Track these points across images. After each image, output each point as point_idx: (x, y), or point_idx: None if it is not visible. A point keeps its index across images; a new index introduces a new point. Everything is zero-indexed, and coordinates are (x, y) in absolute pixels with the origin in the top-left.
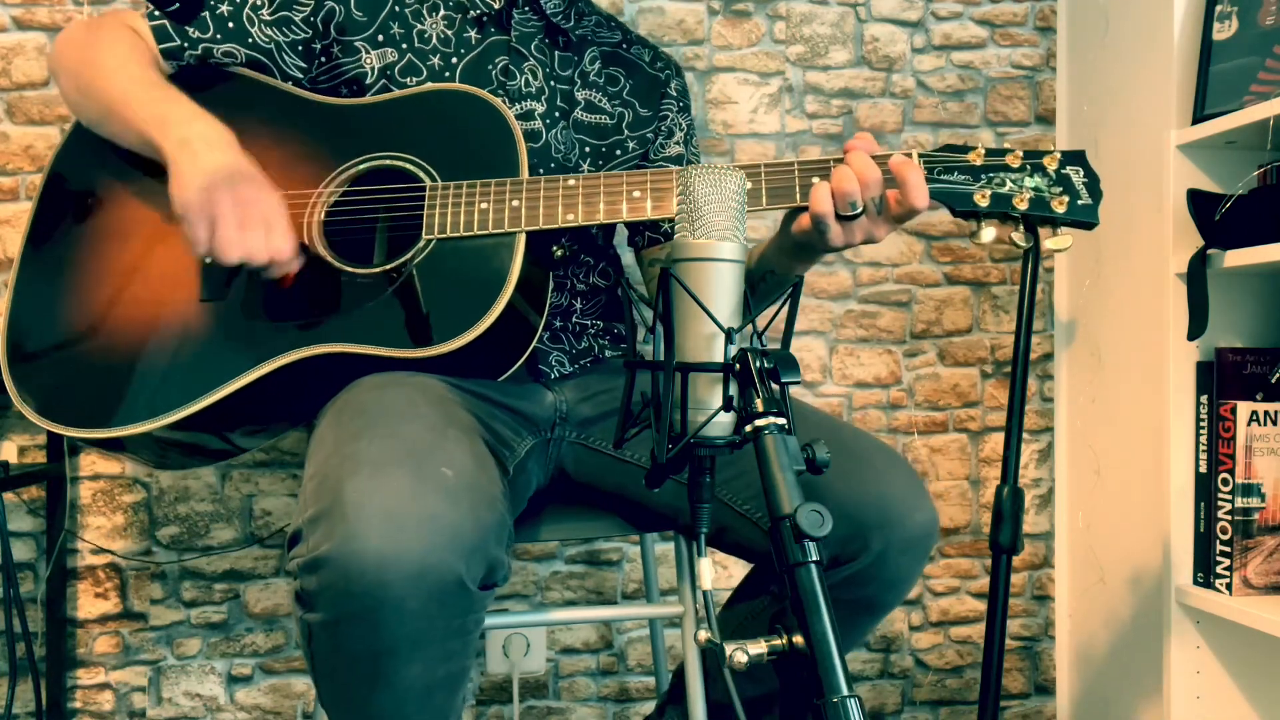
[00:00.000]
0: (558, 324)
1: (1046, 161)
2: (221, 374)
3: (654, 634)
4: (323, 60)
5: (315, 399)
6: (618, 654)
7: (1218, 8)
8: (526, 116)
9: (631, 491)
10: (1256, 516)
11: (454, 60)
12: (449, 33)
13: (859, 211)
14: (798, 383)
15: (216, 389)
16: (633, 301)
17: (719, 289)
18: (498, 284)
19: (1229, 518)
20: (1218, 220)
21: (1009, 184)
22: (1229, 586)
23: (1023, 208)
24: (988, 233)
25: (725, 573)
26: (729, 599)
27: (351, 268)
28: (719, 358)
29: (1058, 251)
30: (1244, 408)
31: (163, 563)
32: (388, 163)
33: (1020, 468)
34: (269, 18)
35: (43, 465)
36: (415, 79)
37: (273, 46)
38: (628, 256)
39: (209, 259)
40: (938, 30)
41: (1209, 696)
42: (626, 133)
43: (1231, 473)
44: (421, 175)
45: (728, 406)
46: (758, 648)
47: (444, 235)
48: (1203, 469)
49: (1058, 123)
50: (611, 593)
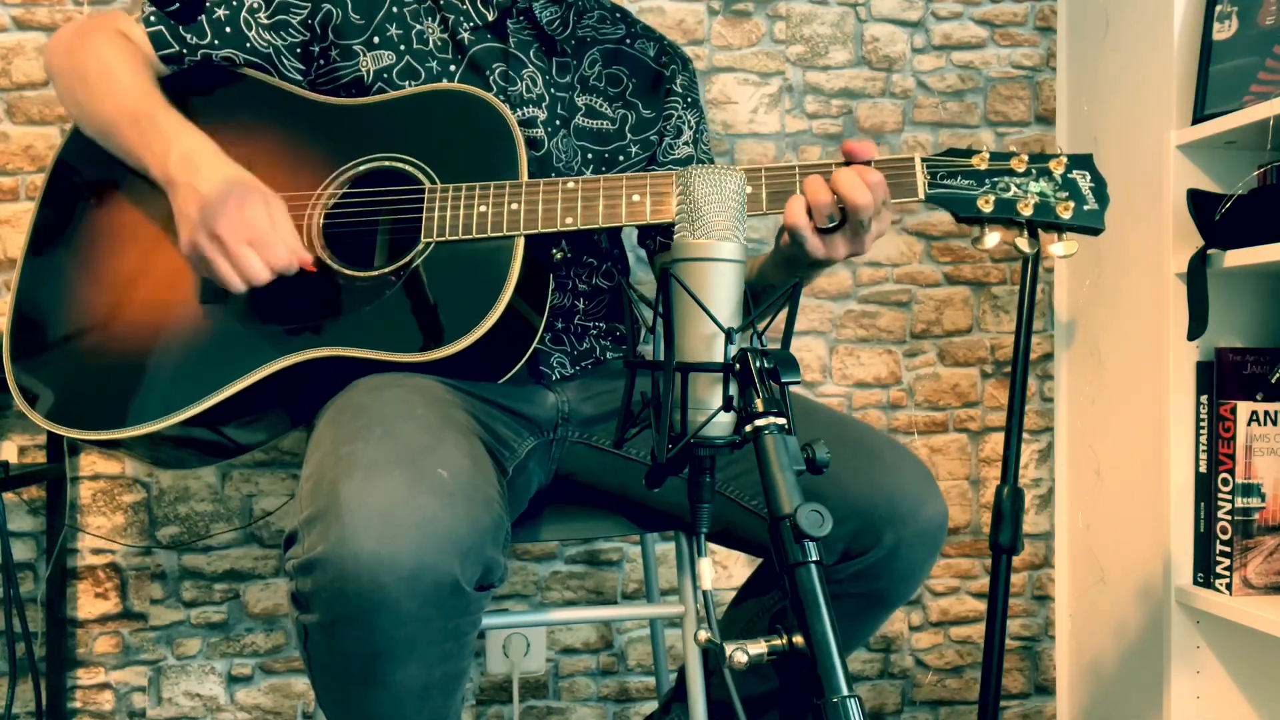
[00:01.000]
0: (559, 325)
1: (1053, 165)
2: (222, 377)
3: (654, 634)
4: (321, 63)
5: (315, 401)
6: (618, 654)
7: (1218, 8)
8: (529, 123)
9: (635, 491)
10: (1256, 516)
11: (452, 68)
12: (445, 37)
13: (837, 224)
14: (798, 383)
15: (216, 392)
16: (634, 302)
17: (719, 289)
18: (497, 287)
19: (1229, 518)
20: (1218, 220)
21: (1014, 189)
22: (1229, 586)
23: (1027, 214)
24: (991, 238)
25: (725, 573)
26: (737, 595)
27: (351, 271)
28: (719, 358)
29: (1063, 257)
30: (1244, 408)
31: (163, 561)
32: (387, 164)
33: (1020, 468)
34: (266, 21)
35: (43, 465)
36: (414, 83)
37: (271, 51)
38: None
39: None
40: (938, 30)
41: (1209, 696)
42: (630, 136)
43: (1231, 473)
44: (421, 177)
45: (728, 406)
46: (757, 648)
47: (443, 238)
48: (1203, 469)
49: (1058, 123)
50: (611, 593)
